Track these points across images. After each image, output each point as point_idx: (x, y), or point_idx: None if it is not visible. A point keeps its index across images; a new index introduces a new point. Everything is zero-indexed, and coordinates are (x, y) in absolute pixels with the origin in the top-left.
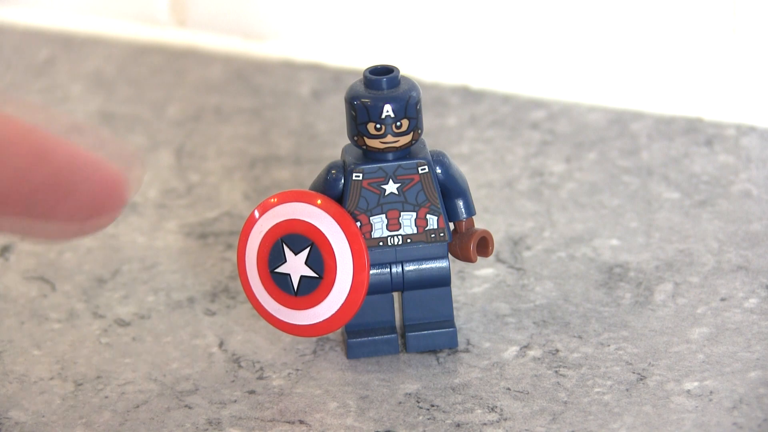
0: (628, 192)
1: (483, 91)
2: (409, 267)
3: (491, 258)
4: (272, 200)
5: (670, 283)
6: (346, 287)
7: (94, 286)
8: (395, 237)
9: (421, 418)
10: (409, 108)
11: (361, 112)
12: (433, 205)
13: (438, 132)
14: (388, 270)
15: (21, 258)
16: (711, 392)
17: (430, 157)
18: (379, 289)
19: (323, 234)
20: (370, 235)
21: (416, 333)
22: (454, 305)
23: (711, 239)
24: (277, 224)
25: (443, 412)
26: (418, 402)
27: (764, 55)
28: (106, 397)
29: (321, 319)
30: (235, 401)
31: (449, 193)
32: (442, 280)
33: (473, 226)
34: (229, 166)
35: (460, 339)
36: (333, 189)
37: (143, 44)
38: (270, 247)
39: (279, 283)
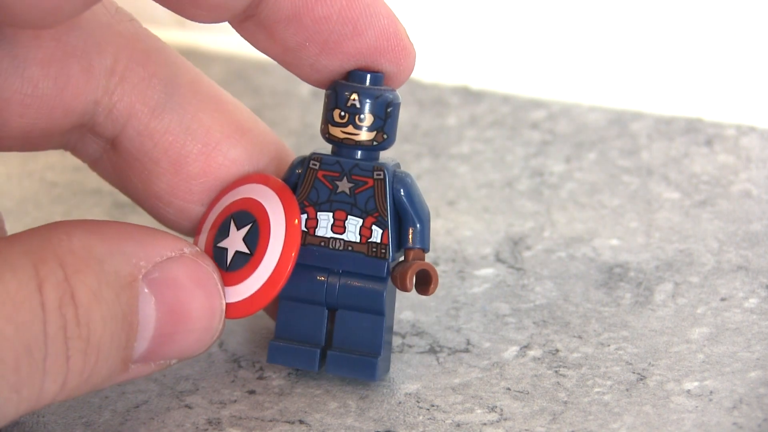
0: (628, 192)
1: (483, 91)
2: (345, 282)
3: (491, 258)
4: (242, 180)
5: (670, 283)
6: (271, 264)
7: None
8: (337, 241)
9: (421, 418)
10: (377, 105)
11: (331, 98)
12: (381, 216)
13: (438, 132)
14: (325, 278)
15: None
16: (711, 392)
17: (392, 171)
18: (311, 297)
19: (266, 212)
20: (315, 232)
21: (337, 353)
22: (454, 305)
23: (711, 239)
24: (234, 201)
25: (443, 412)
26: (418, 402)
27: (764, 55)
28: (106, 396)
29: (244, 297)
30: (235, 401)
31: (406, 217)
32: (375, 305)
33: (421, 257)
34: None
35: (460, 339)
36: (292, 180)
37: None
38: (221, 223)
39: (217, 258)
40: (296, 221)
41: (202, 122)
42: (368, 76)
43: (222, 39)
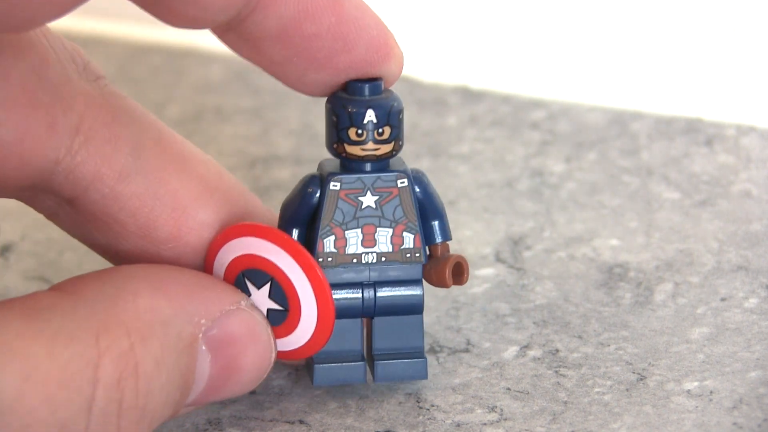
0: (628, 192)
1: (483, 91)
2: (382, 292)
3: (491, 258)
4: (226, 234)
5: (670, 283)
6: (312, 318)
7: None
8: (370, 254)
9: (421, 418)
10: (392, 116)
11: (342, 117)
12: (410, 222)
13: (438, 132)
14: (360, 294)
15: (21, 258)
16: (711, 392)
17: (411, 172)
18: (349, 314)
19: (280, 268)
20: (344, 251)
21: (385, 362)
22: (454, 305)
23: (711, 239)
24: (236, 258)
25: (443, 412)
26: (418, 402)
27: (764, 55)
28: None
29: (297, 346)
30: (235, 401)
31: (426, 214)
32: (414, 308)
33: (448, 251)
34: (229, 166)
35: (460, 339)
36: (308, 203)
37: (143, 44)
38: (234, 281)
39: None
40: (314, 267)
41: (170, 185)
42: (367, 86)
43: None
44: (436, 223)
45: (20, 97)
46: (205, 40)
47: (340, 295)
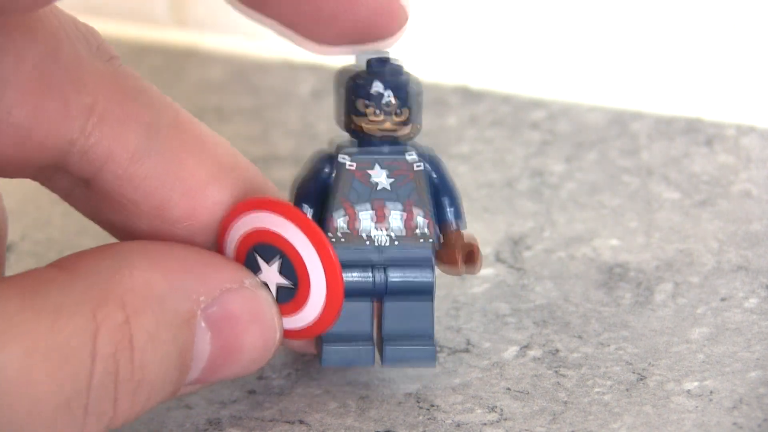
0: (628, 192)
1: (483, 91)
2: (393, 275)
3: (491, 258)
4: (238, 208)
5: (670, 283)
6: (321, 296)
7: None
8: (381, 234)
9: (421, 418)
10: (412, 97)
11: (361, 95)
12: (424, 205)
13: (438, 132)
14: (370, 275)
15: (21, 258)
16: (711, 392)
17: (426, 156)
18: (359, 293)
19: (291, 244)
20: (356, 230)
21: (394, 346)
22: (454, 305)
23: (711, 239)
24: (247, 233)
25: (443, 412)
26: (418, 402)
27: (764, 55)
28: None
29: (305, 324)
30: (235, 401)
31: (440, 199)
32: (424, 292)
33: (462, 238)
34: None
35: (460, 339)
36: (321, 181)
37: (143, 44)
38: (245, 257)
39: None
40: (326, 246)
41: (185, 166)
42: (387, 65)
43: (222, 39)
44: (450, 209)
45: (34, 79)
46: (205, 39)
47: (350, 276)
